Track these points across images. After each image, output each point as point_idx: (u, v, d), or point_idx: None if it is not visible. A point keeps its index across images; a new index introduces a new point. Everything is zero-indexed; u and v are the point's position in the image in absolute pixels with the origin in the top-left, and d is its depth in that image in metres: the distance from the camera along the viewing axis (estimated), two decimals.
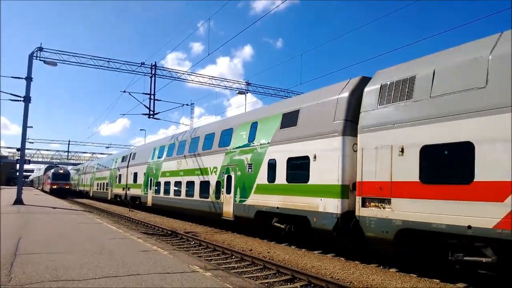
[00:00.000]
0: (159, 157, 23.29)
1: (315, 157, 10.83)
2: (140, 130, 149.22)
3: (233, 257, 10.19)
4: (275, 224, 12.40)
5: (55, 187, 49.01)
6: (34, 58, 22.82)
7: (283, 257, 10.01)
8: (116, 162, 33.85)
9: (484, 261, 6.95)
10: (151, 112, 24.14)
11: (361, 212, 9.14)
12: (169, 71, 27.47)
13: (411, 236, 8.10)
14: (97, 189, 40.02)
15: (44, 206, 22.94)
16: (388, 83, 9.02)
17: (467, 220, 6.97)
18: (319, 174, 10.64)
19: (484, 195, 6.78)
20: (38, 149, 76.43)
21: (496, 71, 6.94)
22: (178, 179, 19.99)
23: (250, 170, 13.83)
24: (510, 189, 6.45)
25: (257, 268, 8.94)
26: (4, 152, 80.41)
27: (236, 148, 14.99)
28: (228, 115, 72.40)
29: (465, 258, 7.22)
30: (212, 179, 16.43)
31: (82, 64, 24.27)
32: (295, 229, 11.69)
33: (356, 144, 9.59)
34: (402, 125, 8.37)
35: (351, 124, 9.92)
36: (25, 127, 22.97)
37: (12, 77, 22.95)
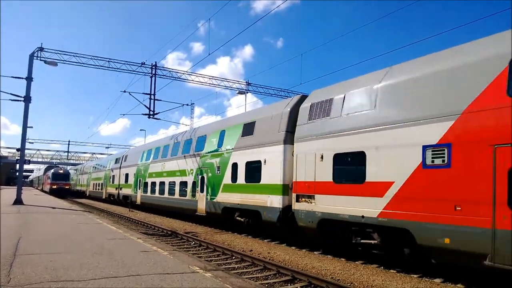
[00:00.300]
0: (146, 160, 25.51)
1: (265, 161, 13.00)
2: (140, 130, 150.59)
3: (233, 257, 10.29)
4: (237, 218, 14.57)
5: (54, 187, 49.66)
6: (35, 58, 22.91)
7: (283, 258, 10.16)
8: (110, 163, 36.07)
9: (373, 243, 9.13)
10: (151, 112, 24.13)
11: (296, 206, 11.30)
12: (170, 71, 27.66)
13: (328, 225, 10.26)
14: (93, 189, 42.28)
15: (43, 206, 23.34)
16: (315, 102, 11.18)
17: (362, 211, 9.13)
18: (268, 175, 12.81)
19: (372, 192, 8.94)
20: (38, 149, 77.13)
21: (381, 98, 9.10)
22: (162, 179, 22.19)
23: (218, 172, 15.99)
24: (387, 187, 8.60)
25: (257, 269, 9.01)
26: (4, 152, 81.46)
27: (208, 152, 17.16)
28: (228, 115, 74.18)
29: (361, 241, 9.39)
30: (190, 180, 18.60)
31: (82, 64, 24.33)
32: (252, 222, 13.86)
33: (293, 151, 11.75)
34: (322, 137, 10.53)
35: (290, 135, 12.07)
36: (25, 127, 23.16)
37: (12, 77, 23.36)
